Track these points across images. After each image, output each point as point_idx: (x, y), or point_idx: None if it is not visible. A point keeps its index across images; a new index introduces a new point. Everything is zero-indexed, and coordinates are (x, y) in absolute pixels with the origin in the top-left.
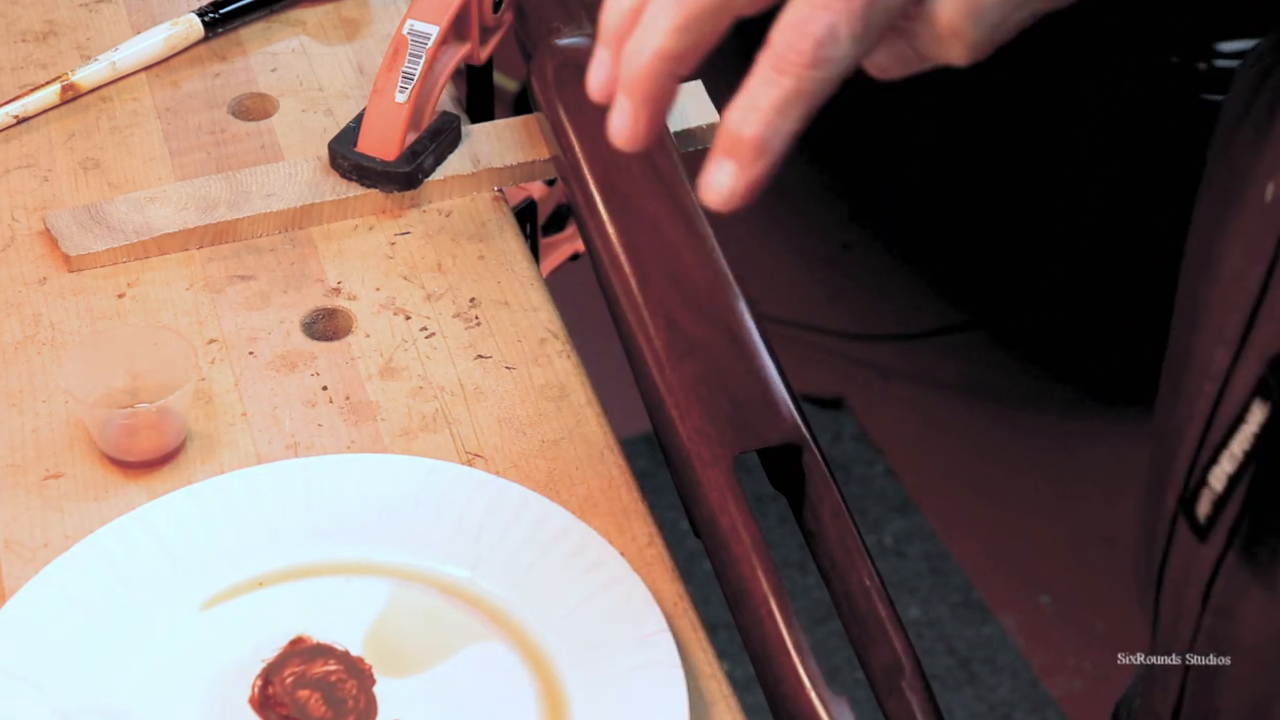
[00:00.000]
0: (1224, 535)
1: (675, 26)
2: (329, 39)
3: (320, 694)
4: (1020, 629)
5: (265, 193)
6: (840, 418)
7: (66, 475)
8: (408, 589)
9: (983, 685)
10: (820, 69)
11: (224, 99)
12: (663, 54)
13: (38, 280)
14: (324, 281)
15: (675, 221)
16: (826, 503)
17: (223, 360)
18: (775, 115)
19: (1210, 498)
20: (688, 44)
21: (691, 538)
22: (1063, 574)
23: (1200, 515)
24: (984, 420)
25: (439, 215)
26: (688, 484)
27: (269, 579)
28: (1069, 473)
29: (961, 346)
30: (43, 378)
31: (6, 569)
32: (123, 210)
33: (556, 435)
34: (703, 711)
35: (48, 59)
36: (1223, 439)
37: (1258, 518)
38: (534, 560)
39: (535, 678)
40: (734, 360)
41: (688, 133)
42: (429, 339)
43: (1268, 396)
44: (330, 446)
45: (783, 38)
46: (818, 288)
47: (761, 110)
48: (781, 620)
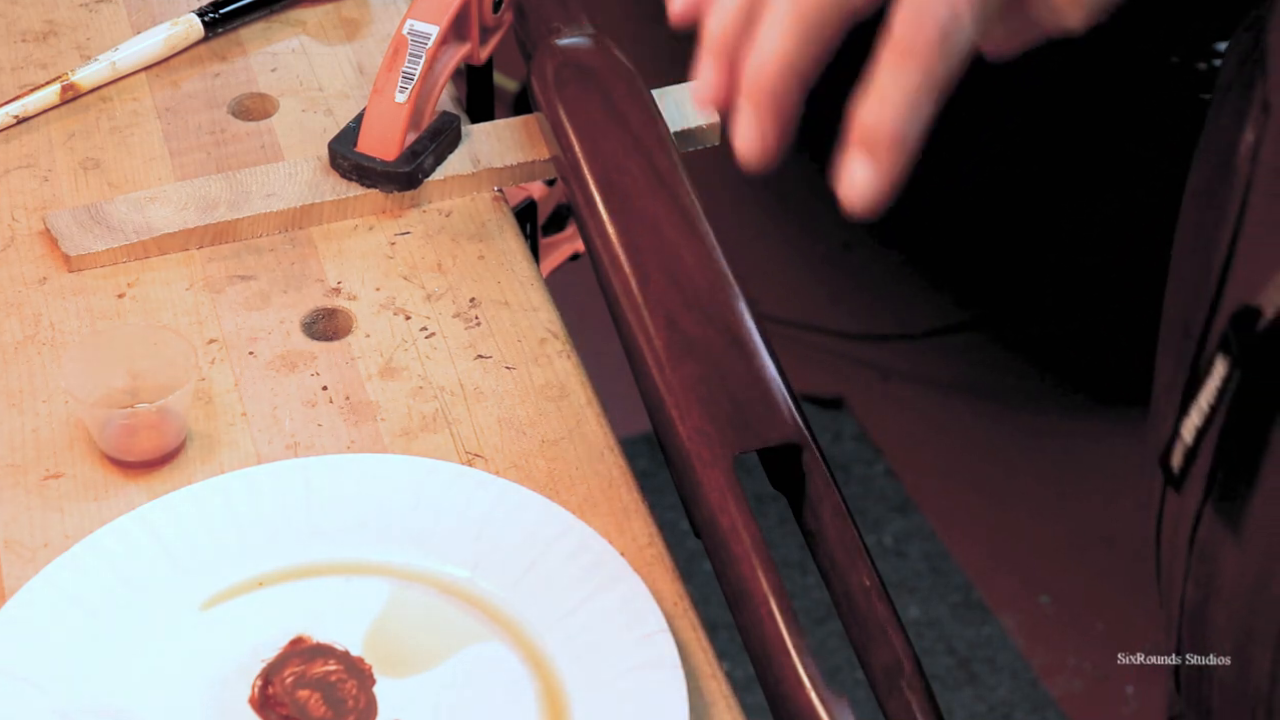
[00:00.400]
0: (1202, 486)
1: (795, 33)
2: (329, 39)
3: (320, 694)
4: (1020, 629)
5: (265, 193)
6: (840, 418)
7: (66, 475)
8: (408, 589)
9: (983, 685)
10: (946, 54)
11: (224, 99)
12: (787, 63)
13: (38, 280)
14: (324, 281)
15: (675, 221)
16: (826, 503)
17: (223, 360)
18: (908, 106)
19: (1182, 449)
20: (810, 49)
21: (691, 538)
22: (1063, 574)
23: (1174, 466)
24: (984, 420)
25: (439, 215)
26: (688, 484)
27: (269, 579)
28: (1069, 473)
29: (961, 346)
30: (43, 378)
31: (6, 569)
32: (123, 210)
33: (556, 435)
34: (703, 711)
35: (48, 59)
36: (1194, 393)
37: (1226, 470)
38: (534, 560)
39: (535, 678)
40: (734, 360)
41: (688, 133)
42: (429, 339)
43: (1229, 351)
44: (330, 446)
45: (905, 28)
46: (818, 288)
47: (894, 103)
48: (781, 620)
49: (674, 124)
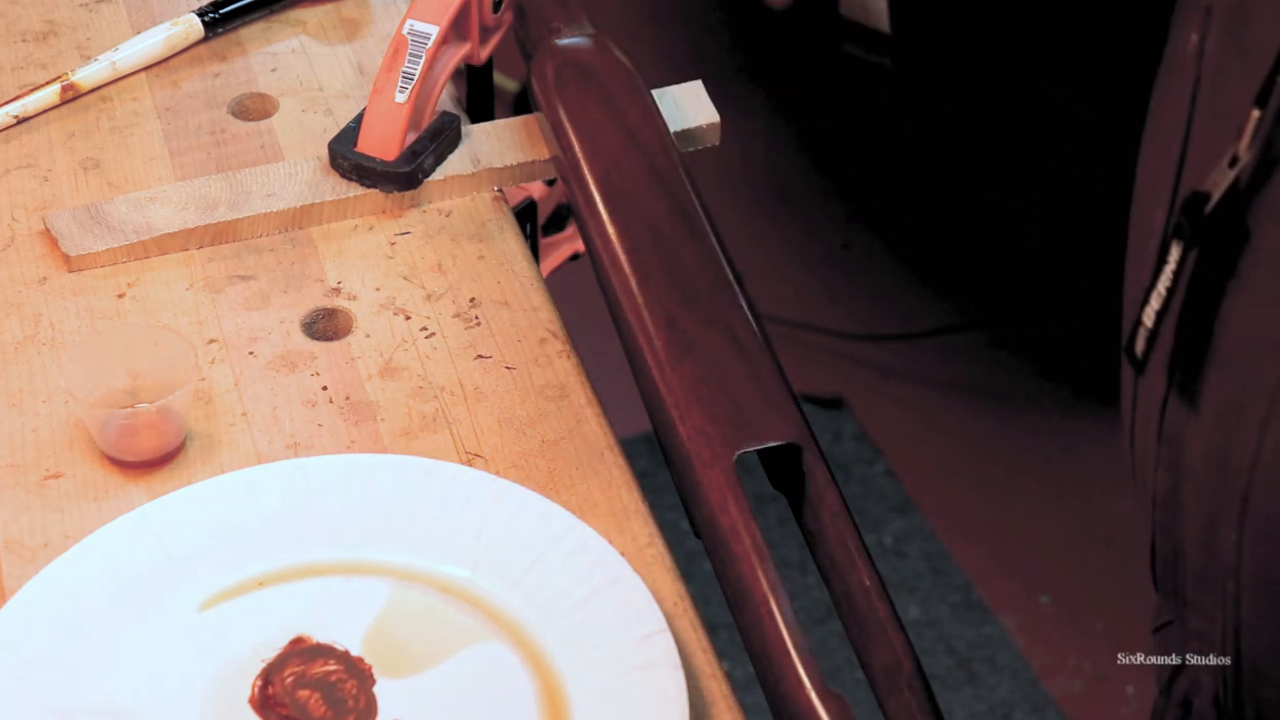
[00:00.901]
0: (1165, 372)
1: None
2: (329, 39)
3: (320, 694)
4: (1020, 629)
5: (265, 193)
6: (840, 418)
7: (66, 475)
8: (408, 589)
9: (983, 685)
10: None
11: (224, 99)
12: None
13: (38, 280)
14: (324, 281)
15: (675, 221)
16: (826, 503)
17: (223, 360)
18: None
19: (1144, 334)
20: None
21: (691, 538)
22: (1063, 574)
23: (1138, 352)
24: (984, 420)
25: (439, 215)
26: (688, 484)
27: (269, 579)
28: (1069, 473)
29: (961, 346)
30: (43, 378)
31: (6, 569)
32: (123, 210)
33: (556, 435)
34: (703, 711)
35: (48, 59)
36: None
37: (1184, 348)
38: (534, 560)
39: (535, 678)
40: (734, 360)
41: (688, 133)
42: (429, 339)
43: (1181, 236)
44: (330, 446)
45: None
46: (818, 288)
47: None
48: (781, 620)
49: (674, 124)
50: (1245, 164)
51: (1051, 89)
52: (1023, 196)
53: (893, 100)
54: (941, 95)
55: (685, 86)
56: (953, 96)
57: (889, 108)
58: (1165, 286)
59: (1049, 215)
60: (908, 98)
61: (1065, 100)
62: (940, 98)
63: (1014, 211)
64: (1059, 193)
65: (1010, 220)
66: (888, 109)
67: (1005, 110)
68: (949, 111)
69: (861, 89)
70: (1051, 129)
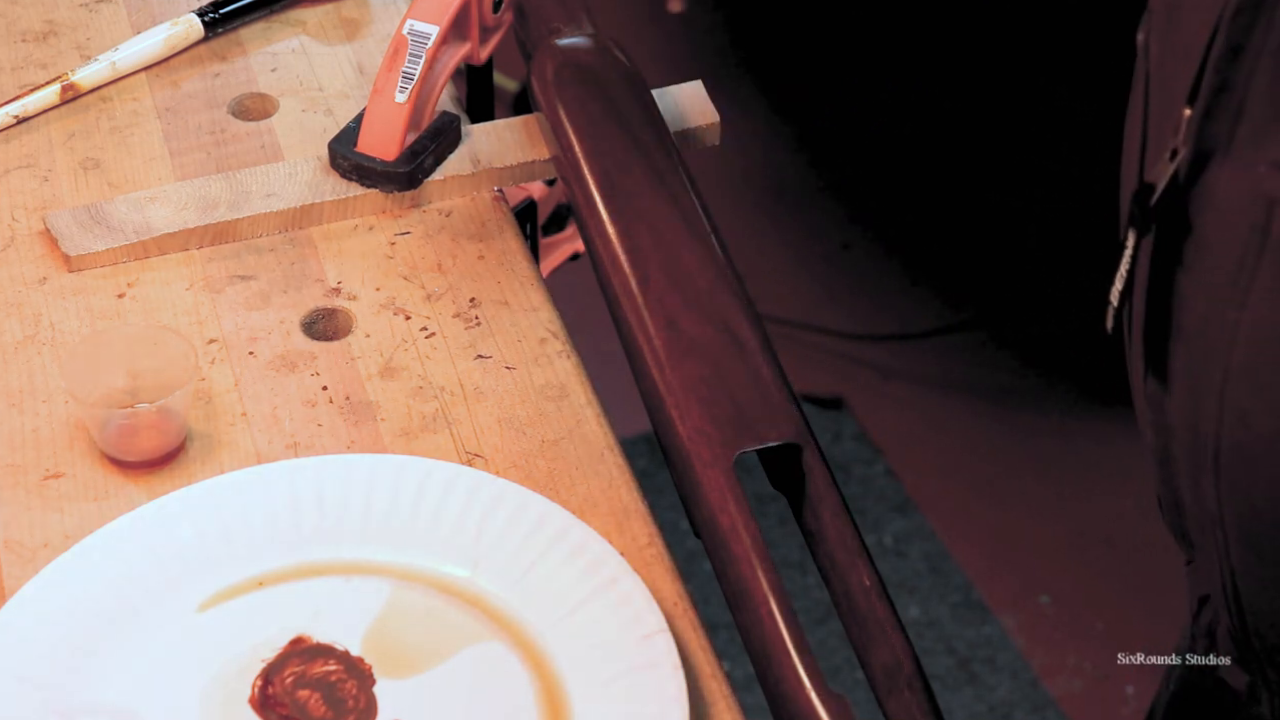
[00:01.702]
0: (1141, 351)
1: None
2: (329, 39)
3: (320, 694)
4: (1020, 629)
5: (265, 193)
6: (840, 418)
7: (66, 475)
8: (408, 589)
9: (983, 685)
10: None
11: (224, 99)
12: None
13: (38, 280)
14: (324, 281)
15: (675, 221)
16: (826, 503)
17: (223, 360)
18: None
19: (1110, 312)
20: None
21: (691, 538)
22: (1063, 574)
23: (1108, 327)
24: (984, 420)
25: (439, 215)
26: (688, 484)
27: (269, 579)
28: (1069, 473)
29: (961, 346)
30: (43, 378)
31: (6, 569)
32: (123, 210)
33: (556, 435)
34: (703, 711)
35: (48, 59)
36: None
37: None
38: (534, 560)
39: (535, 678)
40: (734, 360)
41: (688, 133)
42: (429, 339)
43: (1134, 224)
44: (330, 446)
45: None
46: (818, 288)
47: None
48: (781, 620)
49: (674, 124)
50: (1182, 158)
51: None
52: (1023, 196)
53: (893, 100)
54: (941, 95)
55: (685, 86)
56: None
57: (889, 108)
58: (1126, 269)
59: (1049, 215)
60: (908, 98)
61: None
62: (940, 98)
63: (1014, 211)
64: (1059, 193)
65: (1010, 220)
66: (888, 109)
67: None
68: (949, 111)
69: (861, 89)
70: (1051, 129)
